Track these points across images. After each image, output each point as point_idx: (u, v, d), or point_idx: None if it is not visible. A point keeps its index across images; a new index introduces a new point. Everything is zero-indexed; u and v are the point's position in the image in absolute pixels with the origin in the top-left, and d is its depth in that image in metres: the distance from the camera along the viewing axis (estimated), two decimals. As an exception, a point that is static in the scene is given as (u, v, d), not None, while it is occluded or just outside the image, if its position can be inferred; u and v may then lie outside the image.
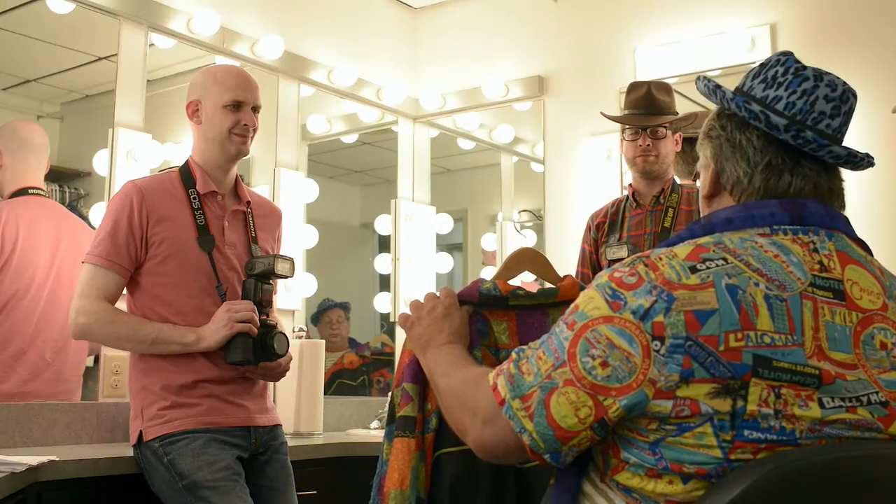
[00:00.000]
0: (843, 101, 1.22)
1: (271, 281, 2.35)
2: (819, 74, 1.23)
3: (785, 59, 1.25)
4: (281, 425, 2.43)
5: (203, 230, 2.29)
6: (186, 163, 2.39)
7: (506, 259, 1.68)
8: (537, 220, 3.44)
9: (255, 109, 2.38)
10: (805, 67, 1.23)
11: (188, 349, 2.21)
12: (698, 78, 1.33)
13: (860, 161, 1.22)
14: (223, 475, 2.13)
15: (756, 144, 1.20)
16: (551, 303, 1.54)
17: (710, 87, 1.27)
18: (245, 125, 2.33)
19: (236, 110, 2.33)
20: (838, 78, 1.24)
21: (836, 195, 1.23)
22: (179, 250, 2.26)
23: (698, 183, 1.35)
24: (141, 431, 2.22)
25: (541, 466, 1.48)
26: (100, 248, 2.22)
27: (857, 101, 1.24)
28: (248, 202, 2.43)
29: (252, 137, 2.38)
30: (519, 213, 4.16)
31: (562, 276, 1.64)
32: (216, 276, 2.27)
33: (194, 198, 2.31)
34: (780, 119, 1.18)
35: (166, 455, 2.16)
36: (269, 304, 2.35)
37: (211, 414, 2.22)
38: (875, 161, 1.24)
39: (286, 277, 2.34)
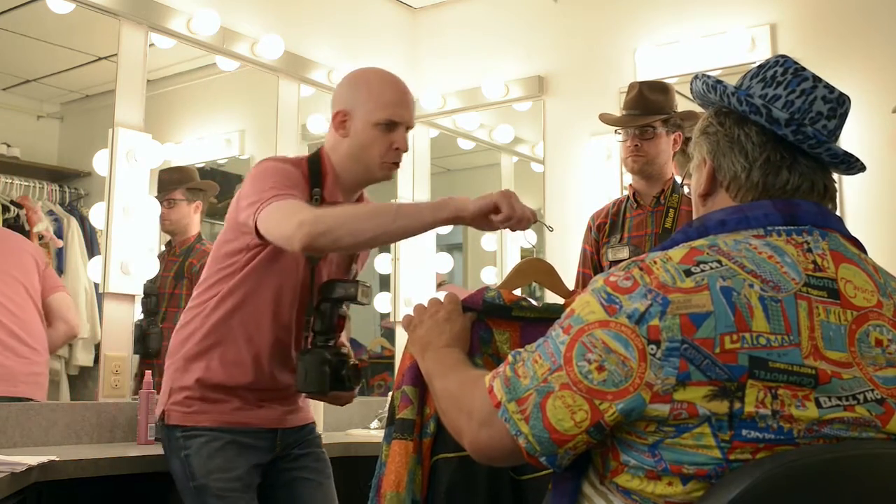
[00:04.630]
0: (839, 103, 1.22)
1: (346, 305, 2.14)
2: (817, 77, 1.23)
3: (784, 61, 1.25)
4: (314, 422, 2.30)
5: None
6: (319, 158, 2.13)
7: (513, 268, 1.67)
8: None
9: (408, 128, 2.11)
10: (804, 69, 1.24)
11: (440, 221, 1.82)
12: (695, 77, 1.31)
13: (854, 163, 1.23)
14: (233, 486, 2.06)
15: (755, 140, 1.20)
16: (556, 318, 1.54)
17: (710, 84, 1.26)
18: (397, 149, 2.08)
19: (389, 130, 2.07)
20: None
21: (830, 195, 1.23)
22: (285, 253, 2.03)
23: (686, 189, 1.35)
24: (165, 411, 2.13)
25: (538, 478, 1.48)
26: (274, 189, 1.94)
27: (850, 108, 1.24)
28: None
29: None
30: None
31: (571, 289, 1.63)
32: (311, 294, 2.07)
33: (316, 200, 2.06)
34: (782, 114, 1.18)
35: (184, 449, 2.09)
36: (342, 329, 2.16)
37: (236, 413, 2.11)
38: (870, 164, 1.24)
39: (363, 305, 2.14)
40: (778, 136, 1.19)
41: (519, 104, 4.12)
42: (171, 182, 3.38)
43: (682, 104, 2.86)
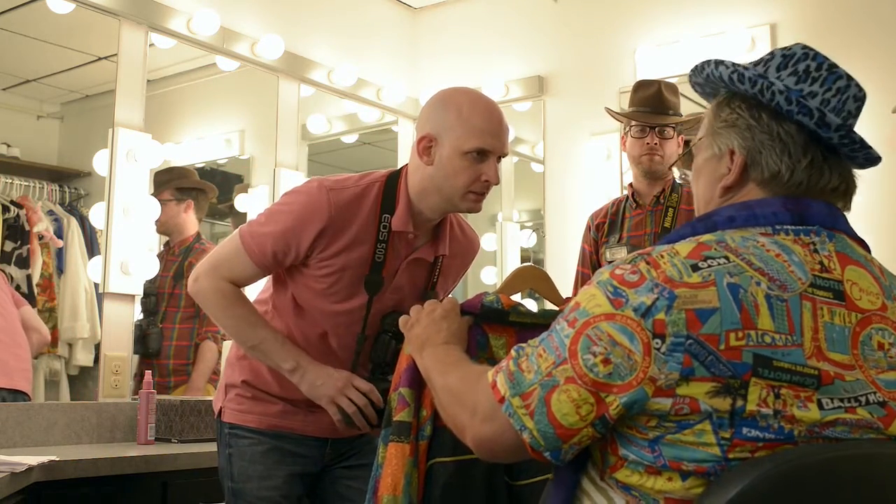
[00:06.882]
0: (863, 101, 1.22)
1: None
2: (849, 74, 1.21)
3: (814, 54, 1.22)
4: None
5: (376, 269, 1.94)
6: (396, 184, 1.96)
7: (509, 275, 1.68)
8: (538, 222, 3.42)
9: (501, 157, 1.91)
10: (836, 65, 1.21)
11: (281, 372, 1.95)
12: (716, 62, 1.24)
13: (874, 163, 1.23)
14: (268, 494, 2.01)
15: (796, 139, 1.17)
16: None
17: (748, 76, 1.19)
18: (486, 181, 1.88)
19: (479, 160, 1.86)
20: None
21: (852, 193, 1.23)
22: (342, 278, 1.94)
23: (679, 175, 1.33)
24: (221, 408, 2.10)
25: (534, 483, 1.48)
26: (257, 238, 1.92)
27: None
28: (444, 256, 2.03)
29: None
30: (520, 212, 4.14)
31: (564, 297, 1.64)
32: (364, 323, 1.96)
33: (384, 227, 1.93)
34: (835, 119, 1.16)
35: (229, 447, 2.06)
36: None
37: (286, 417, 2.04)
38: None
39: None
40: (816, 135, 1.17)
41: (519, 104, 4.12)
42: (158, 183, 3.37)
43: (683, 105, 2.85)
